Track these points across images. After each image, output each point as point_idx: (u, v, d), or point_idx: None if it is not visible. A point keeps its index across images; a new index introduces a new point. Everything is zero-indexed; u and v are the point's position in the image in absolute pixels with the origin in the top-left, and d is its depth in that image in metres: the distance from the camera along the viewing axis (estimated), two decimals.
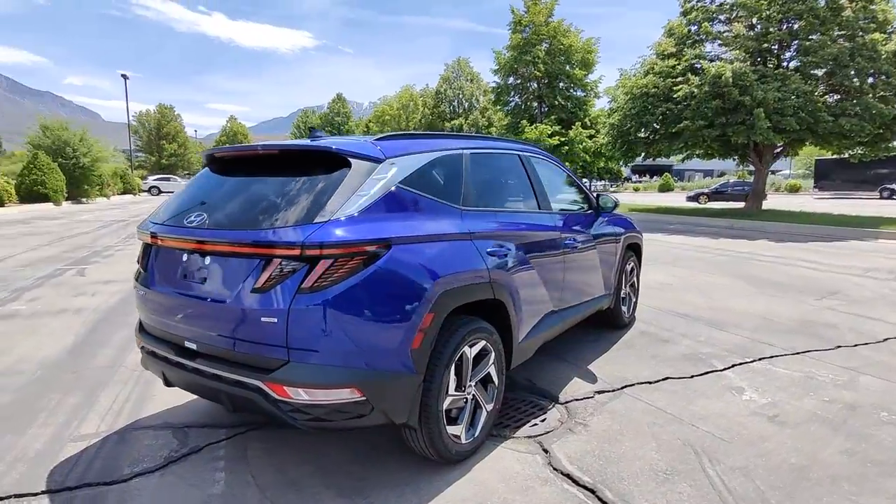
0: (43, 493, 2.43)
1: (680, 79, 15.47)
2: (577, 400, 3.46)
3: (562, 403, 3.42)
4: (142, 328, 2.78)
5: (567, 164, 28.32)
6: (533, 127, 26.40)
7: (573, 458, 2.72)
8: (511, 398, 3.49)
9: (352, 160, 2.39)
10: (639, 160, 21.07)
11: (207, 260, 2.39)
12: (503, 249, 2.93)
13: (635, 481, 2.49)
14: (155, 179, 40.64)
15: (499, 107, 30.98)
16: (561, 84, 28.27)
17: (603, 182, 56.59)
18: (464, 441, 2.66)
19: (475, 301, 2.71)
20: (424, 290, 2.34)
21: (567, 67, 27.62)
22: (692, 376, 3.81)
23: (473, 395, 2.75)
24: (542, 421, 3.19)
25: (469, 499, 2.37)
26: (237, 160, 2.68)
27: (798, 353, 4.26)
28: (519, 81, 29.39)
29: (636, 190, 50.90)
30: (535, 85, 28.93)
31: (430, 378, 2.41)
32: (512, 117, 29.22)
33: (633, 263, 5.08)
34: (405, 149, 2.65)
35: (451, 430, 2.58)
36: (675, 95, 15.23)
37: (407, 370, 2.29)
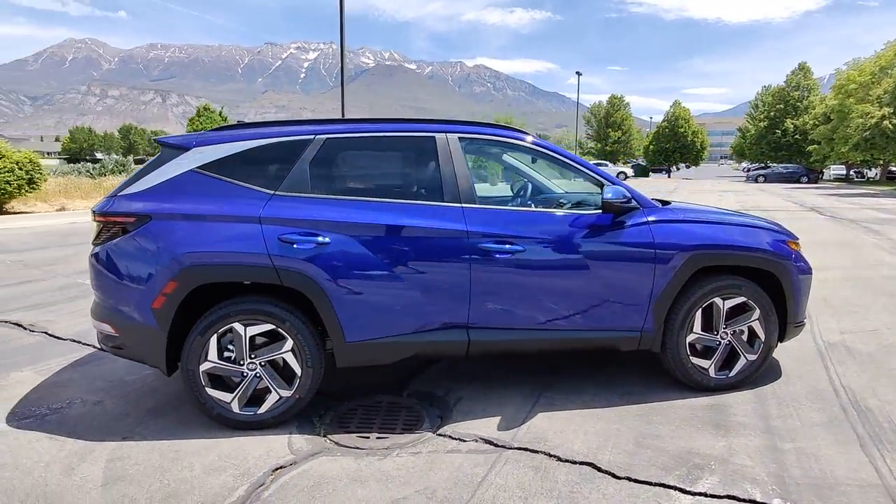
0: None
1: None
2: (451, 437, 2.86)
3: (438, 433, 2.90)
4: None
5: None
6: None
7: (285, 485, 2.40)
8: (410, 405, 3.21)
9: (163, 148, 2.93)
10: None
11: None
12: (316, 238, 2.78)
13: None
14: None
15: None
16: None
17: None
18: (235, 410, 2.82)
19: (262, 283, 2.80)
20: (167, 259, 2.69)
21: None
22: (628, 479, 2.41)
23: (259, 374, 2.84)
24: (381, 438, 2.86)
25: (159, 453, 2.63)
26: None
27: None
28: None
29: None
30: None
31: (182, 339, 2.76)
32: None
33: (738, 299, 3.21)
34: (219, 138, 2.92)
35: (217, 394, 2.81)
36: None
37: (147, 323, 2.73)
